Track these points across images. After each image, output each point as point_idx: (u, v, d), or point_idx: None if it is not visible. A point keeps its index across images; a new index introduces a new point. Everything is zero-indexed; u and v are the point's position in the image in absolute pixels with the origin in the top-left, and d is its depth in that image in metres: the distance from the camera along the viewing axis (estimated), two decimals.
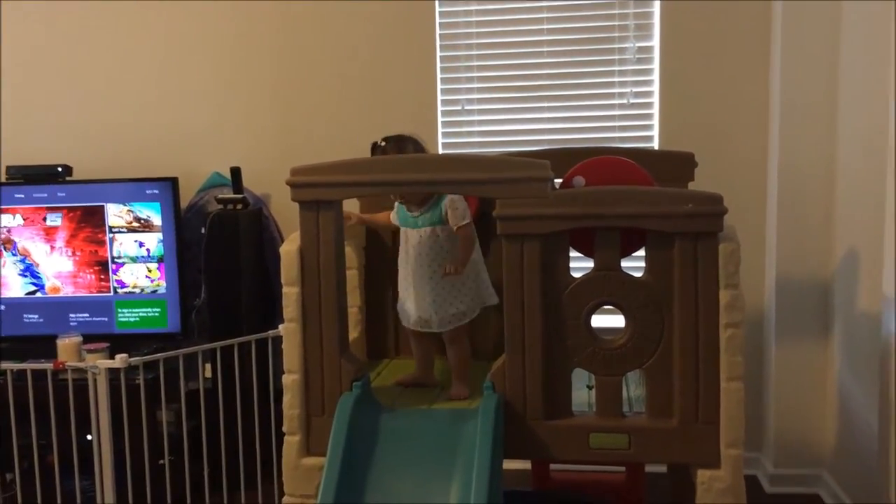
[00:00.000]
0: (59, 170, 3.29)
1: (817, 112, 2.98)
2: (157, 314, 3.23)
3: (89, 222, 3.24)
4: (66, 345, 2.93)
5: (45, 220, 3.27)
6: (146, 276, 3.23)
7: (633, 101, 3.25)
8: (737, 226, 1.93)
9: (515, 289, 1.89)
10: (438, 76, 3.32)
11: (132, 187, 3.22)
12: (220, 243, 3.11)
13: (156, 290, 3.23)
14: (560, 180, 2.09)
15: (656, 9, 3.20)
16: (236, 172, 3.16)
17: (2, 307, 3.30)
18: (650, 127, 3.25)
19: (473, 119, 3.35)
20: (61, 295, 3.28)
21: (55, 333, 3.00)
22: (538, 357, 1.89)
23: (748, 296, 1.99)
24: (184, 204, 3.30)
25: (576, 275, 1.91)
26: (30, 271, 3.30)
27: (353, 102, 3.35)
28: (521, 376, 1.90)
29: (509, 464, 1.87)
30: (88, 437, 2.62)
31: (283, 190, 1.95)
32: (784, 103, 3.01)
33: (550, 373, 1.91)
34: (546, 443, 1.92)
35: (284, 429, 1.99)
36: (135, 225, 3.22)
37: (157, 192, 3.19)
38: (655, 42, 3.21)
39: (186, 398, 2.79)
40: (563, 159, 2.17)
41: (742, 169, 3.16)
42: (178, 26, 3.43)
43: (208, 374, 2.90)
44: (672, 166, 2.40)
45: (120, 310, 3.25)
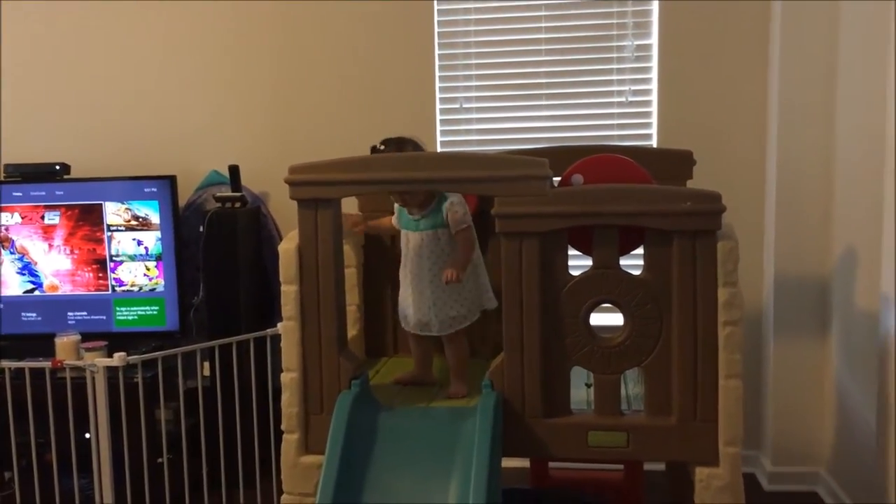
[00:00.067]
0: (58, 168, 3.29)
1: (815, 110, 2.99)
2: (155, 312, 3.23)
3: (87, 220, 3.24)
4: (65, 343, 2.93)
5: (43, 218, 3.27)
6: (144, 275, 3.23)
7: (631, 99, 3.25)
8: (735, 224, 1.93)
9: (514, 287, 1.89)
10: (437, 74, 3.32)
11: (130, 185, 3.21)
12: (218, 241, 3.10)
13: (154, 289, 3.23)
14: (559, 178, 2.09)
15: (655, 7, 3.20)
16: (235, 171, 3.16)
17: (0, 305, 3.30)
18: (648, 125, 3.25)
19: (472, 117, 3.35)
20: (59, 293, 3.28)
21: (53, 332, 3.00)
22: (537, 355, 1.89)
23: (746, 294, 1.99)
24: (182, 202, 3.30)
25: (574, 273, 1.91)
26: (28, 270, 3.30)
27: (352, 100, 3.35)
28: (519, 374, 1.90)
29: (508, 462, 1.87)
30: (87, 436, 2.61)
31: (281, 188, 1.95)
32: (782, 102, 3.01)
33: (549, 371, 1.91)
34: (545, 441, 1.92)
35: (283, 427, 1.99)
36: (133, 223, 3.21)
37: (155, 190, 3.19)
38: (654, 40, 3.21)
39: (185, 396, 2.78)
40: (561, 157, 2.16)
41: (740, 167, 3.16)
42: (176, 25, 3.43)
43: (207, 372, 2.90)
44: (670, 164, 2.40)
45: (118, 308, 3.25)
